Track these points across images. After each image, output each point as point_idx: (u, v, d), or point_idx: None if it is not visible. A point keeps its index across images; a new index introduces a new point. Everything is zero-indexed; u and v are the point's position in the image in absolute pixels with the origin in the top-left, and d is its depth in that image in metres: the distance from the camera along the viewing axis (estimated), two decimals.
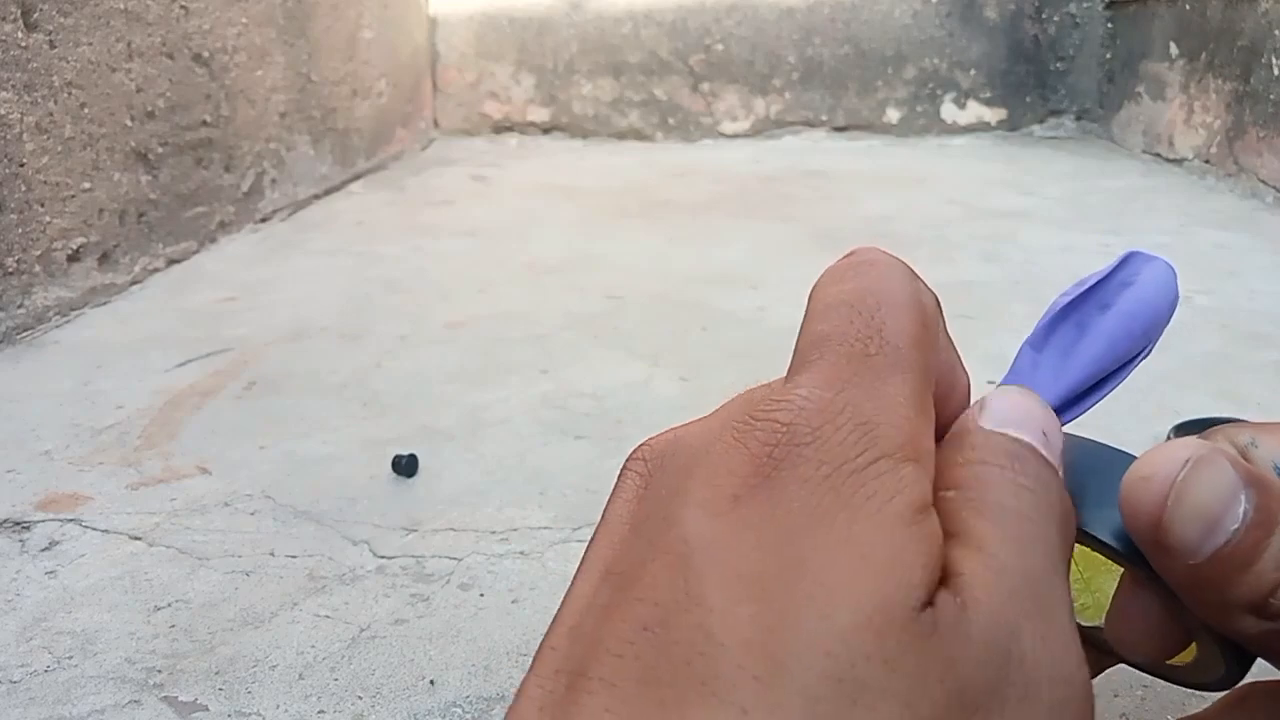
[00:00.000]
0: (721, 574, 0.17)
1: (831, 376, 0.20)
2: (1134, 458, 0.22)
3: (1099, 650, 0.28)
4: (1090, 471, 0.23)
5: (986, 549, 0.18)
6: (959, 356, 0.24)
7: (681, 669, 0.17)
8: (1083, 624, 0.30)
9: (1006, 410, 0.21)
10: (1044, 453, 0.20)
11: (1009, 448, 0.20)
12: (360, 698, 0.42)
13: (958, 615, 0.17)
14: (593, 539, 0.21)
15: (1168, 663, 0.26)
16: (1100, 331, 0.26)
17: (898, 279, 0.22)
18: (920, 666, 0.17)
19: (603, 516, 0.21)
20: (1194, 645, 0.26)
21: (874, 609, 0.17)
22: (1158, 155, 1.87)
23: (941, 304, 0.23)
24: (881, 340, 0.20)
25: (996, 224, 1.36)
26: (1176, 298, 0.26)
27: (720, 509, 0.18)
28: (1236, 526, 0.20)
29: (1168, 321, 0.26)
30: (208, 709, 0.41)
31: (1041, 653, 0.17)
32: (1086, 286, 0.25)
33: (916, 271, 0.22)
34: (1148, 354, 0.26)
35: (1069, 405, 0.26)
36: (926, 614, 0.17)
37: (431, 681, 0.43)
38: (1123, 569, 0.25)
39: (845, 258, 0.23)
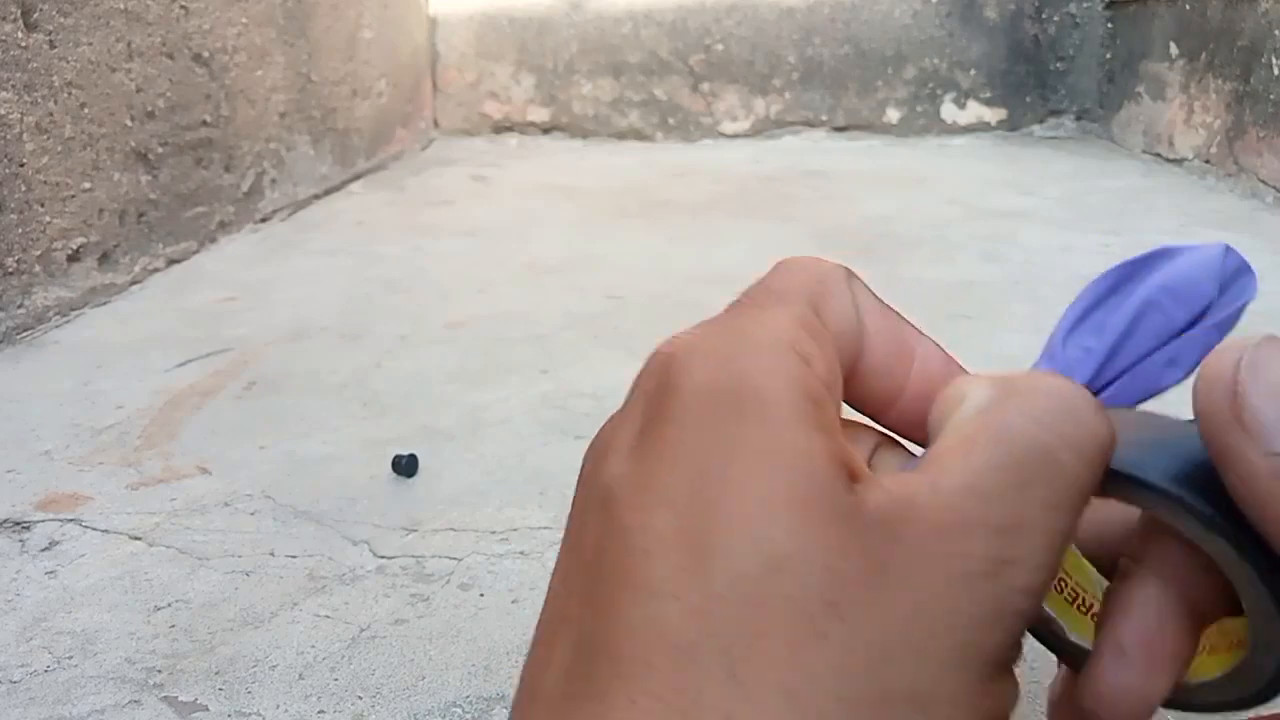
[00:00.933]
0: (638, 498, 0.19)
1: (715, 317, 0.22)
2: (1194, 423, 0.21)
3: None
4: (1142, 429, 0.21)
5: (939, 462, 0.19)
6: (915, 328, 0.24)
7: (615, 579, 0.18)
8: (1082, 644, 0.27)
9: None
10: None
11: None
12: (360, 698, 0.42)
13: (884, 500, 0.18)
14: None
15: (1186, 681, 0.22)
16: (1130, 301, 0.25)
17: (797, 259, 0.24)
18: (842, 536, 0.18)
19: None
20: (1211, 657, 0.22)
21: (788, 491, 0.18)
22: (1158, 155, 1.87)
23: (861, 278, 0.24)
24: (766, 291, 0.23)
25: (996, 224, 1.36)
26: (1226, 268, 0.24)
27: (629, 447, 0.20)
28: None
29: (1229, 299, 0.23)
30: (208, 709, 0.41)
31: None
32: (1121, 265, 0.25)
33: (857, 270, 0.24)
34: (1209, 334, 0.23)
35: (1108, 383, 0.24)
36: (849, 496, 0.18)
37: None
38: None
39: None
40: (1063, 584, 0.27)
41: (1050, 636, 0.26)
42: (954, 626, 0.18)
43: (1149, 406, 0.25)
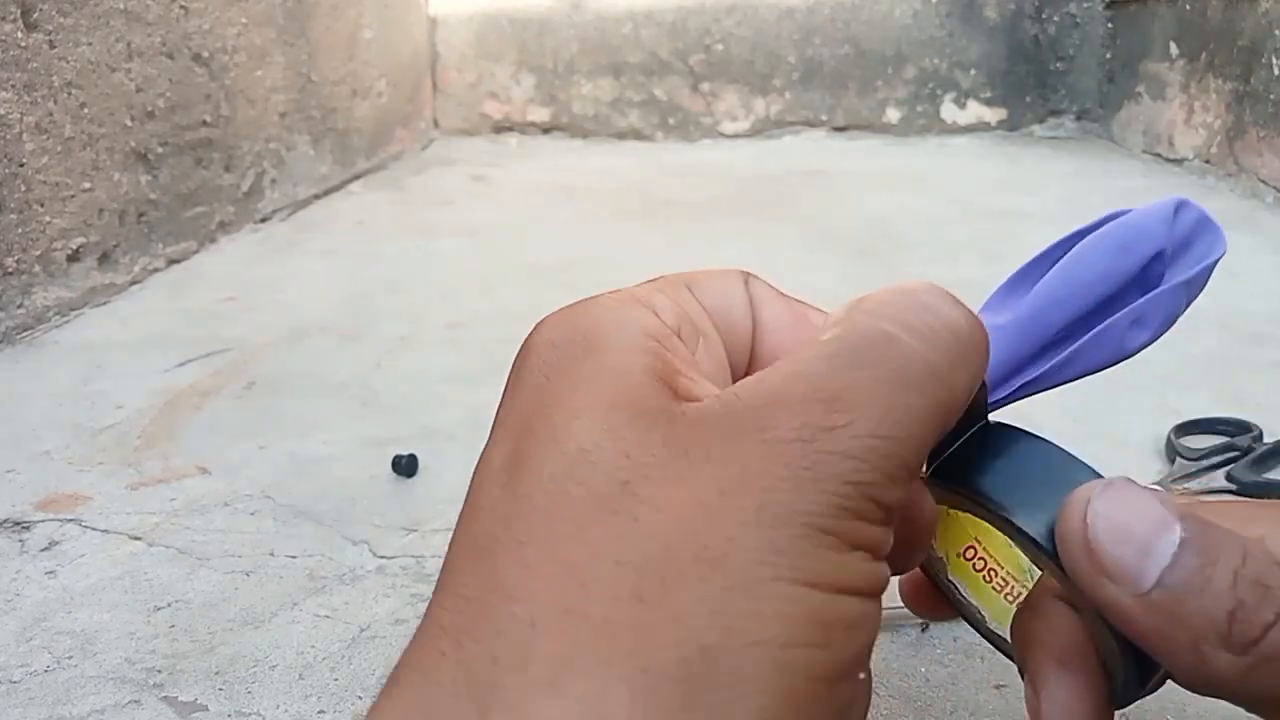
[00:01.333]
0: (488, 447, 0.21)
1: None
2: (1095, 472, 0.21)
3: (1000, 652, 0.27)
4: (1040, 471, 0.21)
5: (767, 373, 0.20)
6: (824, 314, 0.26)
7: (463, 521, 0.21)
8: (985, 621, 0.28)
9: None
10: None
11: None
12: (360, 698, 0.42)
13: (710, 402, 0.19)
14: None
15: None
16: (1057, 267, 0.24)
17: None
18: (643, 429, 0.19)
19: None
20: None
21: (597, 399, 0.19)
22: (1158, 155, 1.87)
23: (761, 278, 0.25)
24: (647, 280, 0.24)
25: (996, 224, 1.36)
26: (1183, 220, 0.23)
27: (501, 413, 0.22)
28: (1174, 550, 0.19)
29: (1193, 256, 0.23)
30: (208, 709, 0.41)
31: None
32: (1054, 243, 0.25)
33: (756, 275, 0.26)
34: (1176, 294, 0.23)
35: (1043, 349, 0.24)
36: (661, 400, 0.19)
37: None
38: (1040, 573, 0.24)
39: None
40: (992, 573, 0.28)
41: (974, 624, 0.28)
42: (756, 488, 0.17)
43: (1117, 370, 0.24)
